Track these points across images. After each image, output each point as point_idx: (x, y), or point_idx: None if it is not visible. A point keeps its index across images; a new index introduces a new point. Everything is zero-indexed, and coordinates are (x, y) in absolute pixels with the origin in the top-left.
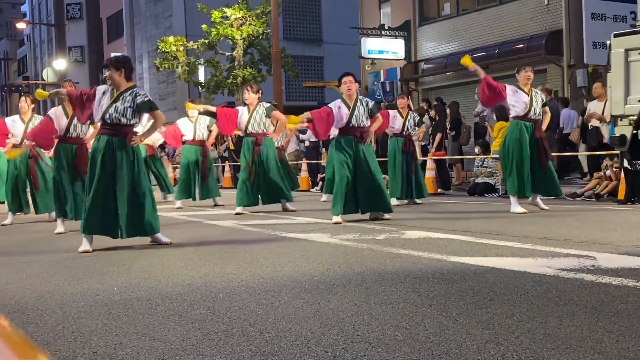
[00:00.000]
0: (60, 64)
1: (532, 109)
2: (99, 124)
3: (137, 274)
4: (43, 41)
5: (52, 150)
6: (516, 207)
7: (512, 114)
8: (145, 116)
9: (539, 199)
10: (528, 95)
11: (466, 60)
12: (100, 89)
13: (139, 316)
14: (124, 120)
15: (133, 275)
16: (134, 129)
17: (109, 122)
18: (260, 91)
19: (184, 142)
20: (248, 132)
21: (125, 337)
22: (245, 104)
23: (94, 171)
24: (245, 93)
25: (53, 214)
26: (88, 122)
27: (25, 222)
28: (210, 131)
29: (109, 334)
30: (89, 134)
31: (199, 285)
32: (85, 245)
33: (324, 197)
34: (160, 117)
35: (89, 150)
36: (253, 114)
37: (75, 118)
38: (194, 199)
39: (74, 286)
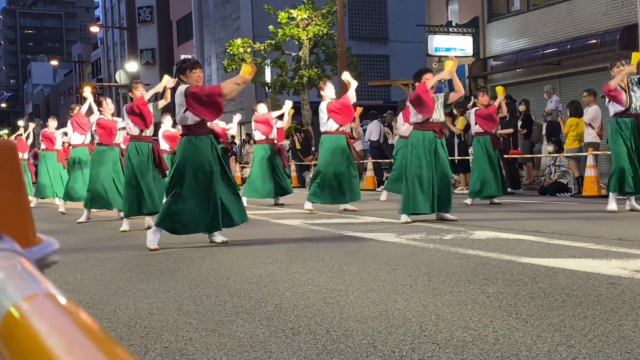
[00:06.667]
0: (132, 66)
1: (632, 104)
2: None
3: (206, 271)
4: (115, 44)
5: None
6: (612, 204)
7: (611, 111)
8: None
9: (634, 202)
10: (625, 91)
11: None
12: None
13: (208, 312)
14: None
15: (203, 272)
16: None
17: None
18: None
19: (256, 142)
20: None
21: (195, 332)
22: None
23: (190, 172)
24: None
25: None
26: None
27: (98, 220)
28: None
29: (179, 329)
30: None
31: (266, 283)
32: (152, 243)
33: (383, 195)
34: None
35: (184, 152)
36: None
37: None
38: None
39: (146, 283)
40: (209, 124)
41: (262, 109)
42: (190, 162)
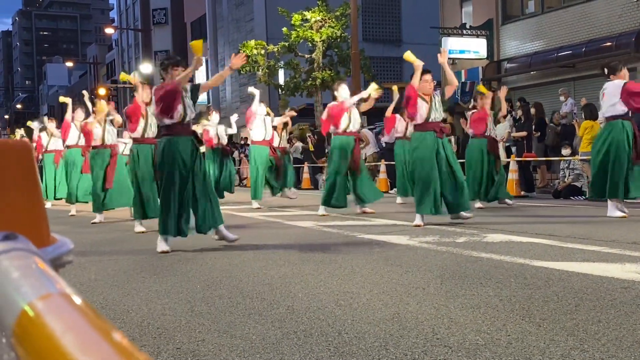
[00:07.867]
0: (146, 68)
1: None
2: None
3: (218, 272)
4: (130, 46)
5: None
6: (613, 211)
7: (611, 113)
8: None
9: None
10: None
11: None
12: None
13: (221, 314)
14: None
15: (215, 273)
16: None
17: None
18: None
19: (253, 143)
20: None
21: (207, 334)
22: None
23: (174, 173)
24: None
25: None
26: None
27: (112, 221)
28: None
29: (192, 330)
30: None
31: (278, 284)
32: (162, 246)
33: (399, 199)
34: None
35: (161, 153)
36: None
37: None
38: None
39: (158, 284)
40: (199, 127)
41: (261, 111)
42: (167, 164)
